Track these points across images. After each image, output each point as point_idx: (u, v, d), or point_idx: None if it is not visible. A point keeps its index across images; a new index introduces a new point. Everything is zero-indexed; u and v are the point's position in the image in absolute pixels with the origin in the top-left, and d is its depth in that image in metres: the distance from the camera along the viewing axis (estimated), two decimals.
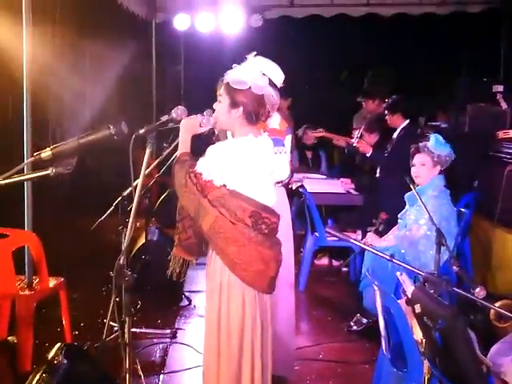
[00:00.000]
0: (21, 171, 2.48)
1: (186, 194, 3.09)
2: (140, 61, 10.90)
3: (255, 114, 3.18)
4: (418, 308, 2.41)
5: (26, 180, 2.43)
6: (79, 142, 2.39)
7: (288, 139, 4.28)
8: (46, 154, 2.37)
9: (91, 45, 10.05)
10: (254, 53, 3.27)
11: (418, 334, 2.69)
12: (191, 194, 3.08)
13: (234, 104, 3.17)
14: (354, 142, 6.77)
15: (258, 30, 9.58)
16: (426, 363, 2.58)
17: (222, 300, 3.17)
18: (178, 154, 3.24)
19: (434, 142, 4.81)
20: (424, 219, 4.70)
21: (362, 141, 6.77)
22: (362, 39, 10.93)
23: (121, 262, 2.83)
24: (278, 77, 4.12)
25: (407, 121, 6.56)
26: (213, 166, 3.06)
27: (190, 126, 3.26)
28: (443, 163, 4.84)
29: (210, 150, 3.11)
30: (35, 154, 2.43)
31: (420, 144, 4.89)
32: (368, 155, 6.62)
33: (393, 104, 6.66)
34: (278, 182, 4.17)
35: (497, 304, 3.45)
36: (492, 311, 3.61)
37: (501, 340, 3.57)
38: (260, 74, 3.22)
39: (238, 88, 3.14)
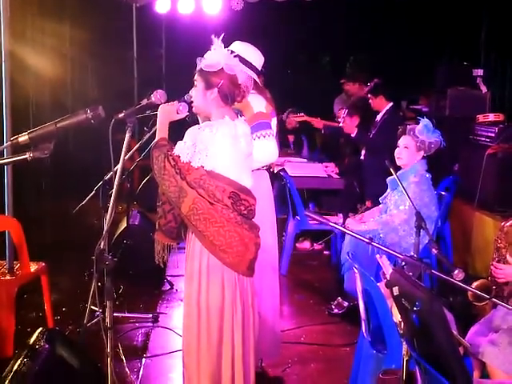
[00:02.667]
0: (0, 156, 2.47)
1: (166, 177, 3.10)
2: (121, 44, 10.82)
3: (230, 94, 3.22)
4: (396, 290, 2.44)
5: (3, 164, 2.41)
6: (56, 126, 2.37)
7: (274, 122, 4.28)
8: (23, 138, 2.34)
9: (71, 28, 9.97)
10: (222, 35, 3.26)
11: (397, 316, 2.72)
12: (170, 177, 3.09)
13: (208, 86, 3.20)
14: (341, 122, 6.80)
15: (240, 14, 9.53)
16: (405, 345, 2.61)
17: (201, 284, 3.19)
18: (156, 139, 3.25)
19: (421, 127, 4.82)
20: (404, 205, 4.73)
21: (347, 122, 6.80)
22: (344, 23, 10.92)
23: (101, 246, 2.84)
24: (257, 59, 4.13)
25: (391, 103, 6.61)
26: (190, 147, 3.08)
27: (167, 112, 3.29)
28: (427, 149, 4.86)
29: (188, 132, 3.13)
30: (12, 138, 2.41)
31: (408, 127, 4.92)
32: (353, 135, 6.64)
33: (375, 87, 6.72)
34: (263, 167, 4.18)
35: (474, 283, 3.49)
36: (470, 292, 3.66)
37: (479, 321, 3.63)
38: (231, 54, 3.24)
39: (211, 70, 3.17)
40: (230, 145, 3.14)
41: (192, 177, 3.08)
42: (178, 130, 3.30)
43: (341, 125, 6.80)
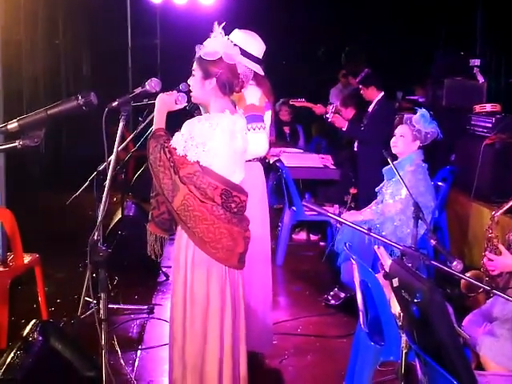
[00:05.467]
0: None
1: (161, 168, 3.04)
2: (115, 34, 10.76)
3: (229, 84, 3.15)
4: (395, 282, 2.40)
5: None
6: (47, 112, 2.31)
7: (268, 115, 4.22)
8: (12, 125, 2.28)
9: (65, 18, 9.91)
10: (223, 24, 3.19)
11: (395, 308, 2.69)
12: (166, 169, 3.03)
13: (206, 75, 3.13)
14: (329, 117, 6.74)
15: (235, 3, 9.48)
16: (404, 337, 2.58)
17: (187, 276, 3.15)
18: (153, 129, 3.19)
19: (418, 116, 4.81)
20: (400, 195, 4.71)
21: (337, 115, 6.75)
22: (340, 13, 10.86)
23: (95, 237, 2.80)
24: (258, 48, 4.07)
25: (382, 93, 6.57)
26: (188, 140, 3.02)
27: (165, 102, 3.21)
28: (423, 139, 4.84)
29: (186, 124, 3.07)
30: (1, 125, 2.35)
31: (405, 116, 4.91)
32: (344, 129, 6.60)
33: (366, 77, 6.69)
34: (256, 159, 4.13)
35: (466, 274, 3.47)
36: (462, 283, 3.64)
37: (473, 311, 3.60)
38: (231, 43, 3.18)
39: (210, 59, 3.10)
40: (228, 141, 3.08)
41: (185, 171, 3.02)
42: (176, 119, 3.24)
43: (330, 120, 6.73)
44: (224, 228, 3.10)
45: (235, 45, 3.24)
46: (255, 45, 4.06)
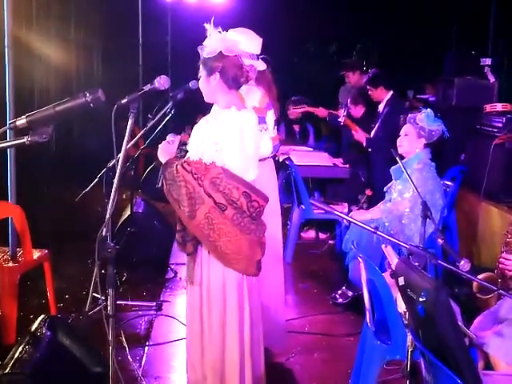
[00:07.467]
0: None
1: (182, 183, 2.99)
2: (126, 31, 10.79)
3: (232, 77, 3.15)
4: (401, 280, 2.41)
5: (0, 149, 2.36)
6: (55, 109, 2.33)
7: (270, 114, 4.20)
8: (21, 121, 2.30)
9: (77, 14, 9.94)
10: (212, 18, 3.18)
11: (402, 307, 2.69)
12: (187, 183, 2.98)
13: (210, 72, 3.15)
14: (341, 120, 6.72)
15: (246, 1, 9.48)
16: (410, 335, 2.59)
17: (202, 279, 3.17)
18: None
19: (422, 115, 4.80)
20: (408, 193, 4.71)
21: (351, 122, 6.69)
22: (351, 12, 10.85)
23: (103, 233, 2.81)
24: (253, 44, 4.04)
25: (391, 92, 6.53)
26: (199, 144, 3.02)
27: (168, 152, 3.19)
28: (428, 137, 4.82)
29: (194, 130, 3.07)
30: (10, 122, 2.38)
31: (409, 115, 4.90)
32: (365, 145, 6.52)
33: (373, 78, 6.66)
34: (261, 159, 4.14)
35: (479, 276, 3.45)
36: (475, 284, 3.63)
37: (483, 312, 3.60)
38: (227, 37, 3.18)
39: (210, 56, 3.12)
40: (238, 137, 3.08)
41: (210, 176, 2.99)
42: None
43: (342, 124, 6.71)
44: (244, 239, 3.10)
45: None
46: (249, 43, 4.04)
